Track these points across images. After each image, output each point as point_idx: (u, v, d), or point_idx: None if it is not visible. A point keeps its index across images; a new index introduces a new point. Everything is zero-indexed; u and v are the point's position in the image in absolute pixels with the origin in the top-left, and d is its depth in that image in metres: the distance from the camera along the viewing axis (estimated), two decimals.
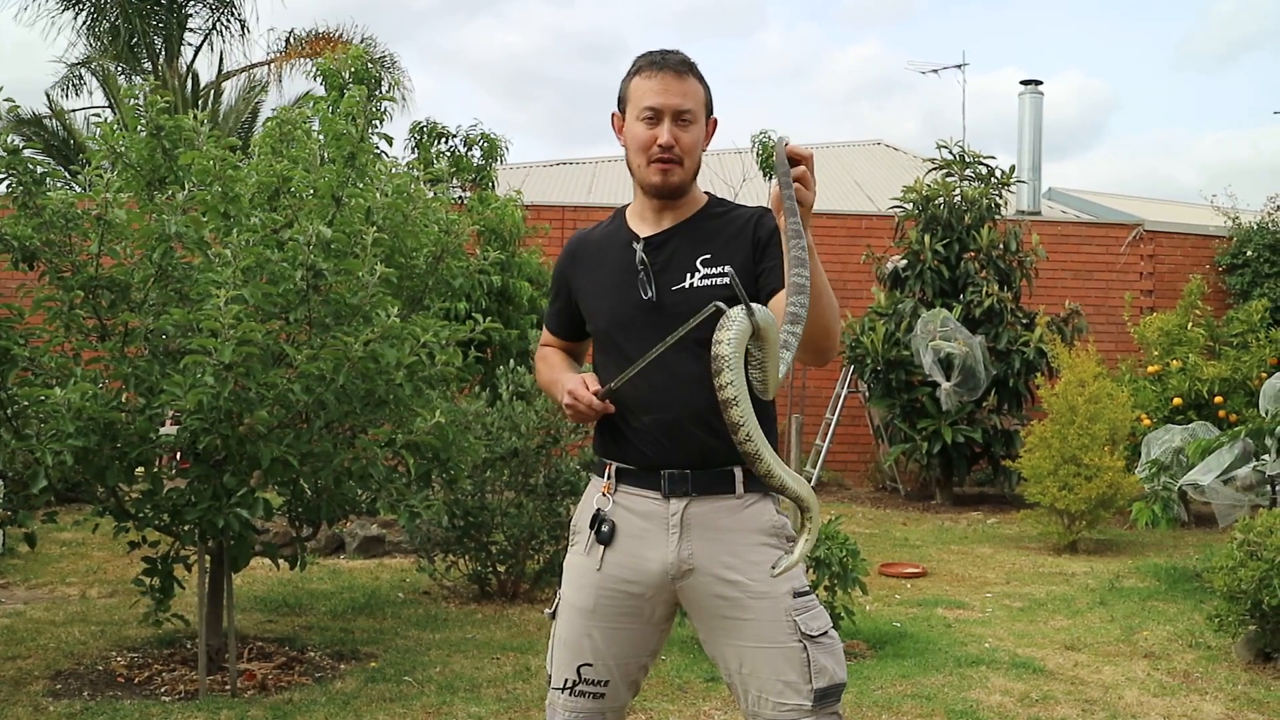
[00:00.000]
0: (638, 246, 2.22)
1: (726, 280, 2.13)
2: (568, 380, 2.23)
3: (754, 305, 1.81)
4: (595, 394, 2.16)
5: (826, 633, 2.13)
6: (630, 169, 2.24)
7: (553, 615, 2.30)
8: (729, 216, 2.24)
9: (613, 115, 2.28)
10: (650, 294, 2.18)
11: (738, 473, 2.16)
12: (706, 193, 2.30)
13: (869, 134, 29.27)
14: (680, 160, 2.18)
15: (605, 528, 2.20)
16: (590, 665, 2.21)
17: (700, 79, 2.21)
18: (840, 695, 2.13)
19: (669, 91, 2.16)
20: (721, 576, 2.13)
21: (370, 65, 9.60)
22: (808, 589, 2.16)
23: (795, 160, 1.92)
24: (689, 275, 2.18)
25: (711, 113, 2.25)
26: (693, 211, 2.25)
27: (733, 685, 2.19)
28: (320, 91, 8.82)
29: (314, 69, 9.02)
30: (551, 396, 2.40)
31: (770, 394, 1.90)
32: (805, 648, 2.09)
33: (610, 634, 2.21)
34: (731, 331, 1.80)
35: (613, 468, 2.23)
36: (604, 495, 2.23)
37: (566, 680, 2.23)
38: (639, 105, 2.18)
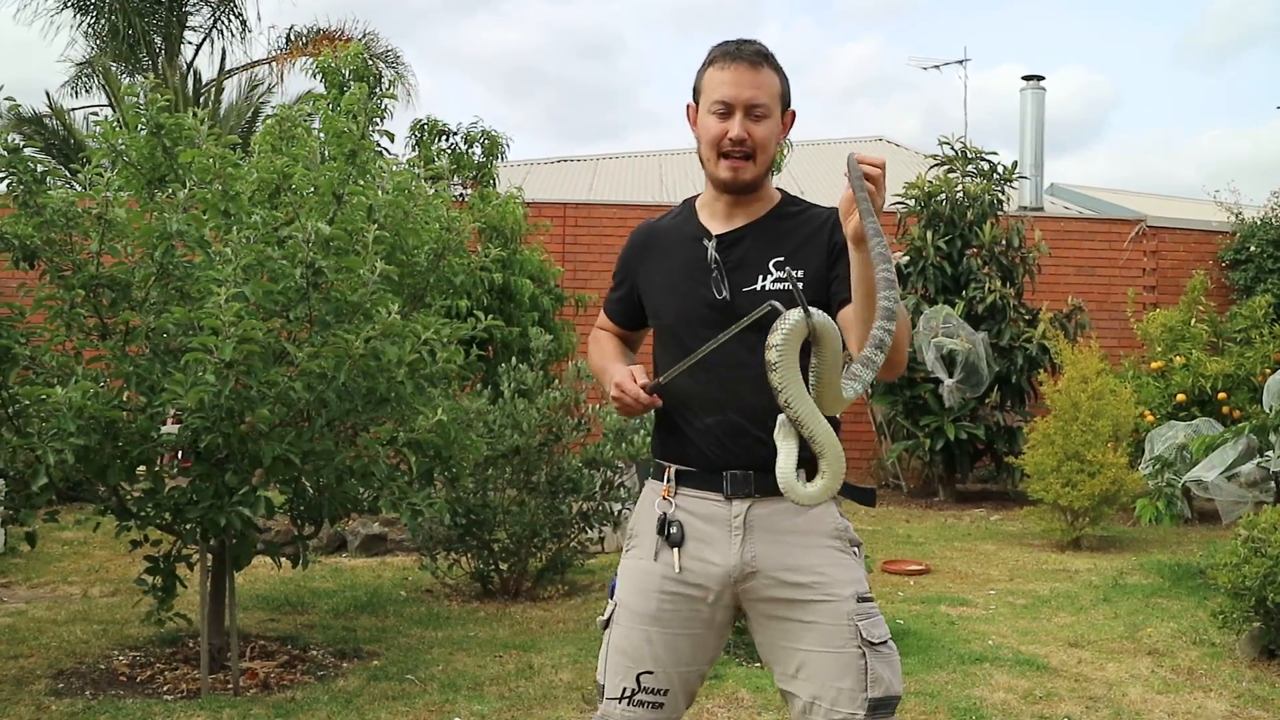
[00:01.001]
0: (709, 244, 2.17)
1: (800, 284, 2.09)
2: (616, 372, 2.17)
3: (814, 310, 1.81)
4: (643, 387, 2.11)
5: (886, 642, 2.09)
6: (701, 162, 2.19)
7: (605, 624, 2.23)
8: (804, 217, 2.20)
9: (688, 106, 2.23)
10: (724, 294, 2.14)
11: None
12: (779, 189, 2.25)
13: (869, 131, 29.23)
14: (752, 155, 2.13)
15: (674, 529, 2.14)
16: (651, 673, 2.15)
17: (777, 70, 2.16)
18: (895, 708, 2.07)
19: (742, 84, 2.11)
20: (784, 580, 2.09)
21: (371, 61, 9.57)
22: (870, 595, 2.13)
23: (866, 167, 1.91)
24: (761, 277, 2.13)
25: (789, 105, 2.19)
26: (766, 209, 2.20)
27: (785, 691, 2.13)
28: (321, 89, 8.80)
29: (313, 66, 8.98)
30: (600, 383, 2.35)
31: (829, 409, 1.88)
32: (864, 654, 2.05)
33: (672, 639, 2.15)
34: (786, 327, 1.82)
35: (672, 470, 2.18)
36: (665, 499, 2.17)
37: (625, 689, 2.15)
38: (711, 98, 2.13)
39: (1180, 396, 9.24)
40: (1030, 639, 5.17)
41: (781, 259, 2.14)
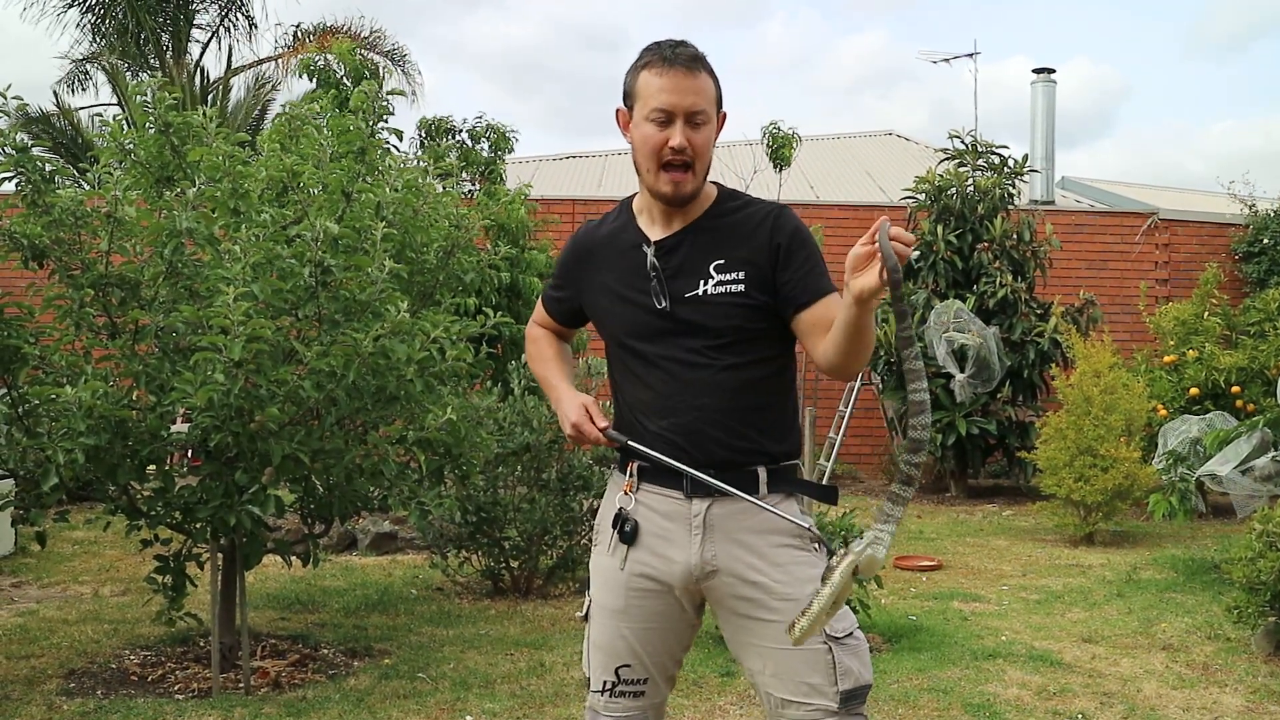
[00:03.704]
0: (648, 250, 2.15)
1: (741, 288, 2.08)
2: (569, 407, 2.20)
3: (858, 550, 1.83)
4: (603, 430, 2.14)
5: (851, 634, 2.09)
6: (639, 171, 2.14)
7: (585, 618, 2.27)
8: (743, 214, 2.16)
9: (618, 111, 2.18)
10: (664, 303, 2.12)
11: (761, 473, 2.11)
12: (714, 183, 2.21)
13: (877, 125, 29.14)
14: (692, 164, 2.09)
15: (628, 527, 2.16)
16: (628, 666, 2.19)
17: (711, 73, 2.12)
18: (866, 697, 2.09)
19: (681, 90, 2.05)
20: (745, 578, 2.10)
21: (370, 57, 9.51)
22: None
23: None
24: (702, 282, 2.11)
25: (721, 107, 2.16)
26: (703, 209, 2.17)
27: (756, 687, 2.16)
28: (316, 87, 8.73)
29: (299, 67, 8.86)
30: (542, 387, 2.37)
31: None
32: (830, 649, 2.05)
33: (642, 633, 2.18)
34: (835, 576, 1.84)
35: (634, 465, 2.19)
36: (626, 494, 2.19)
37: (605, 683, 2.21)
38: (649, 105, 2.07)
39: (1193, 390, 9.19)
40: (1044, 634, 5.14)
41: (722, 261, 2.11)
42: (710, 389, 2.08)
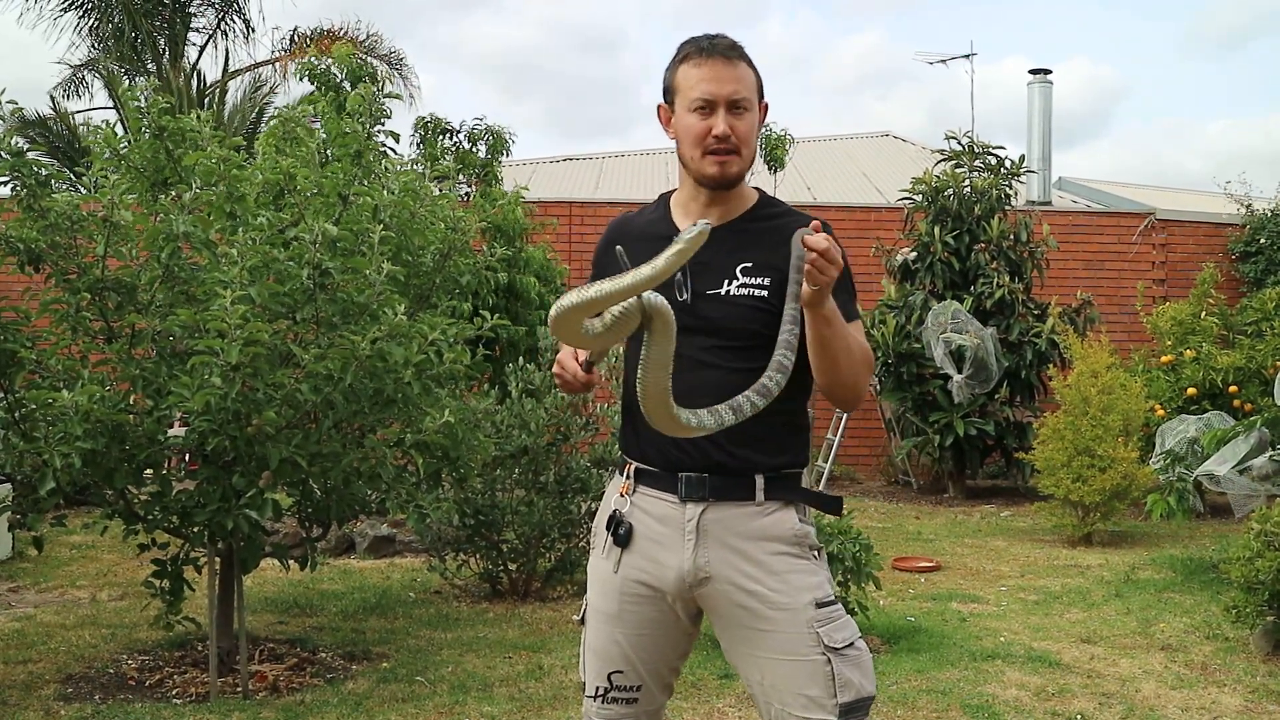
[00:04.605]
0: None
1: (765, 293, 2.07)
2: (561, 354, 2.16)
3: (655, 296, 1.80)
4: (582, 364, 2.08)
5: (852, 644, 2.06)
6: (684, 162, 2.14)
7: (582, 621, 2.25)
8: (778, 223, 2.15)
9: (659, 107, 2.18)
10: (685, 296, 2.10)
11: (759, 479, 2.08)
12: (757, 189, 2.21)
13: (875, 126, 29.17)
14: (737, 150, 2.08)
15: (622, 530, 2.14)
16: (621, 672, 2.16)
17: (750, 62, 2.11)
18: (868, 709, 2.06)
19: (721, 79, 2.06)
20: (740, 586, 2.07)
21: (368, 60, 9.52)
22: (832, 598, 2.09)
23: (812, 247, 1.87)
24: (727, 282, 2.10)
25: (763, 97, 2.15)
26: (740, 211, 2.16)
27: (754, 697, 2.12)
28: (316, 90, 8.73)
29: (299, 69, 8.84)
30: None
31: (651, 414, 1.86)
32: (829, 661, 2.02)
33: (636, 639, 2.16)
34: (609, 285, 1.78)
35: (632, 467, 2.18)
36: (622, 496, 2.17)
37: (598, 688, 2.18)
38: (690, 95, 2.08)
39: (1191, 390, 9.19)
40: (1042, 635, 5.14)
41: (750, 264, 2.11)
42: (717, 391, 2.03)
